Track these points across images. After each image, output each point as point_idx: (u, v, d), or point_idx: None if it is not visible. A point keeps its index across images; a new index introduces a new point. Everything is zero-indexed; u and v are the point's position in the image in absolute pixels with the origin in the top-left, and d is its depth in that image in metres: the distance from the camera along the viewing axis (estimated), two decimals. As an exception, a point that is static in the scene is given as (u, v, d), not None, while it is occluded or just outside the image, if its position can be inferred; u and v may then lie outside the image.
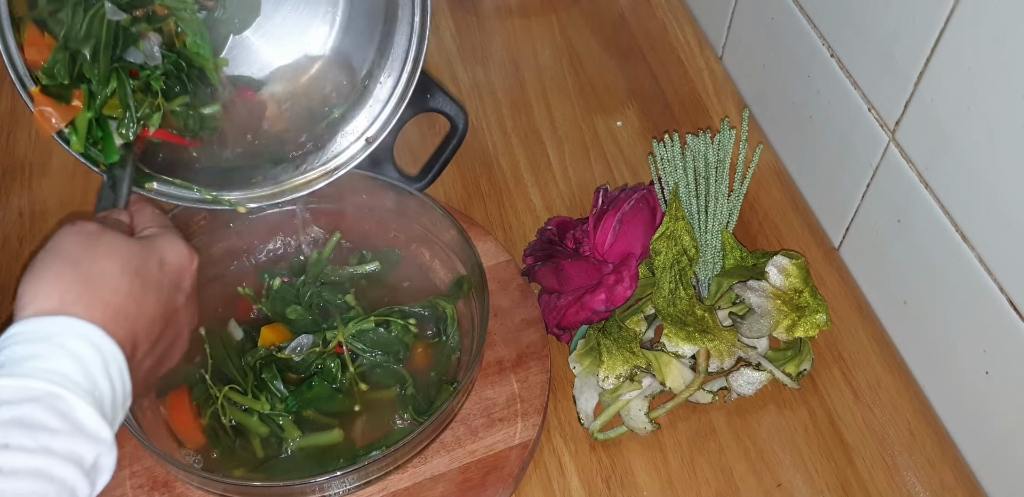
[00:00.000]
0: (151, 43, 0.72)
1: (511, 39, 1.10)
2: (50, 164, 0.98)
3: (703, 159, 0.88)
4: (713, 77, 1.05)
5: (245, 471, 0.74)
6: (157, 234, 0.63)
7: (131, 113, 0.71)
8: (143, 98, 0.72)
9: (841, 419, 0.82)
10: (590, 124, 1.02)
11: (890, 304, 0.85)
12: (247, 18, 0.79)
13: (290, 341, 0.78)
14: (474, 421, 0.78)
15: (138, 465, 0.75)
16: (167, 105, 0.73)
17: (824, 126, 0.88)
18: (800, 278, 0.81)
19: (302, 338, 0.78)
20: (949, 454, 0.79)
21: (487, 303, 0.78)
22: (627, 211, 0.83)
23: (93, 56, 0.68)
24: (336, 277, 0.85)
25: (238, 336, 0.80)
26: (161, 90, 0.72)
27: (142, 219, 0.67)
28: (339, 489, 0.73)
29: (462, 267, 0.83)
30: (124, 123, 0.71)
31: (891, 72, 0.76)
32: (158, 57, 0.72)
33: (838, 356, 0.85)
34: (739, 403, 0.82)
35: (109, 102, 0.70)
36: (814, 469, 0.79)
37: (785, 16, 0.89)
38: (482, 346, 0.76)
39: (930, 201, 0.75)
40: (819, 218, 0.93)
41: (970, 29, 0.66)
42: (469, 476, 0.75)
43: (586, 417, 0.80)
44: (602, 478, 0.79)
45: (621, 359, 0.78)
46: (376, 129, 0.82)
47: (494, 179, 0.98)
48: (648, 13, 1.12)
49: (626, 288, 0.79)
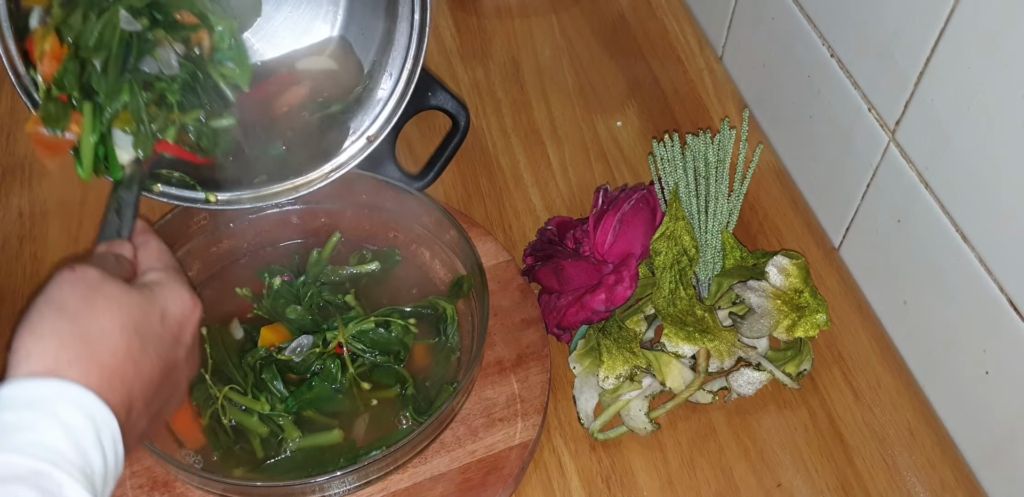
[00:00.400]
0: (168, 52, 0.68)
1: (511, 39, 1.10)
2: (50, 164, 0.98)
3: (703, 159, 0.88)
4: (713, 77, 1.05)
5: (245, 471, 0.74)
6: (160, 281, 0.60)
7: (145, 128, 0.67)
8: (157, 112, 0.68)
9: (841, 419, 0.82)
10: (590, 124, 1.02)
11: (890, 304, 0.85)
12: (248, 19, 0.79)
13: (290, 341, 0.78)
14: (474, 421, 0.78)
15: (138, 465, 0.75)
16: (182, 118, 0.70)
17: (824, 126, 0.88)
18: (800, 278, 0.81)
19: (302, 339, 0.78)
20: (949, 454, 0.79)
21: (487, 303, 0.78)
22: (627, 211, 0.83)
23: (104, 67, 0.65)
24: (336, 277, 0.85)
25: (238, 335, 0.80)
26: (177, 103, 0.69)
27: (147, 256, 0.63)
28: (339, 489, 0.73)
29: (462, 267, 0.83)
30: (138, 139, 0.67)
31: (891, 72, 0.76)
32: (175, 66, 0.68)
33: (838, 356, 0.85)
34: (739, 403, 0.82)
35: (120, 115, 0.66)
36: (814, 469, 0.79)
37: (785, 16, 0.89)
38: (482, 346, 0.76)
39: (930, 201, 0.75)
40: (819, 218, 0.93)
41: (970, 29, 0.66)
42: (469, 476, 0.75)
43: (586, 417, 0.80)
44: (602, 478, 0.79)
45: (621, 359, 0.78)
46: (377, 127, 0.82)
47: (494, 179, 0.98)
48: (648, 13, 1.12)
49: (626, 288, 0.79)
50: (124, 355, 0.53)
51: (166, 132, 0.69)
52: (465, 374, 0.75)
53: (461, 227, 0.81)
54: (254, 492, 0.72)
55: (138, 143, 0.67)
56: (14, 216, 0.95)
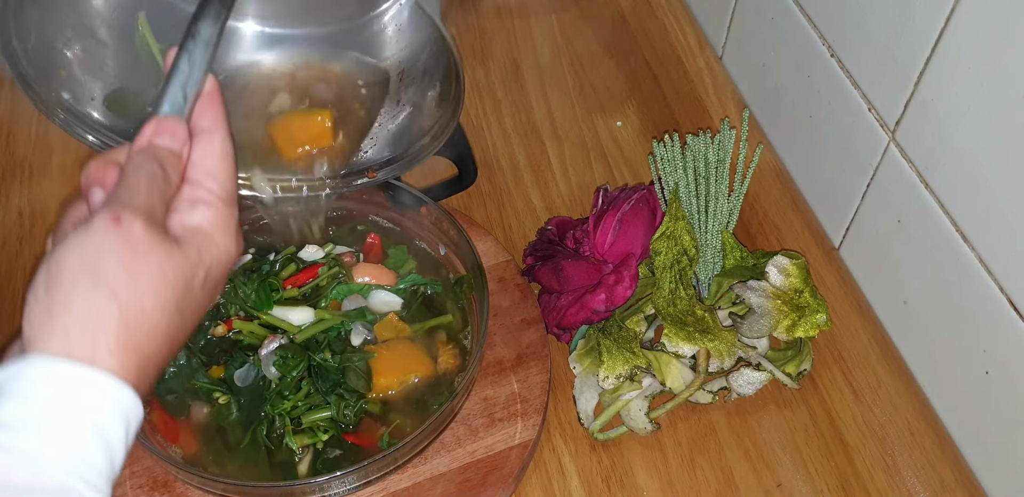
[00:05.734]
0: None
1: (511, 39, 1.10)
2: (50, 164, 0.98)
3: (703, 159, 0.88)
4: (713, 77, 1.05)
5: (244, 470, 0.74)
6: (207, 230, 0.51)
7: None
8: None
9: (841, 419, 0.82)
10: (590, 124, 1.02)
11: (890, 304, 0.85)
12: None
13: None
14: (474, 421, 0.78)
15: (138, 465, 0.75)
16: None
17: (824, 126, 0.88)
18: (800, 278, 0.81)
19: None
20: (949, 454, 0.79)
21: (487, 303, 0.78)
22: (627, 211, 0.83)
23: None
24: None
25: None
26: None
27: (202, 164, 0.51)
28: (339, 489, 0.73)
29: (462, 267, 0.83)
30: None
31: (891, 72, 0.76)
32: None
33: (838, 356, 0.85)
34: (739, 403, 0.82)
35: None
36: (814, 469, 0.79)
37: (785, 16, 0.89)
38: (482, 346, 0.76)
39: (930, 201, 0.75)
40: (819, 218, 0.93)
41: (970, 29, 0.66)
42: (469, 476, 0.75)
43: (586, 417, 0.80)
44: (602, 478, 0.79)
45: (621, 359, 0.78)
46: (386, 170, 0.76)
47: (494, 179, 0.98)
48: (648, 13, 1.12)
49: (626, 288, 0.79)
50: (163, 337, 0.48)
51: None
52: (465, 374, 0.75)
53: (461, 227, 0.81)
54: (254, 492, 0.72)
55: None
56: (14, 216, 0.95)
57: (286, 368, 0.75)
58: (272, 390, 0.75)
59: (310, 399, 0.75)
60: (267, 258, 0.82)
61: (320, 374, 0.75)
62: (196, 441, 0.75)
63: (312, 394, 0.75)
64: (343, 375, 0.75)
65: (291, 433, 0.74)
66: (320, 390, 0.75)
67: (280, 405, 0.74)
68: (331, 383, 0.75)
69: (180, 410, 0.75)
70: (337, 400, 0.74)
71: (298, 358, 0.75)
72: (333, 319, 0.78)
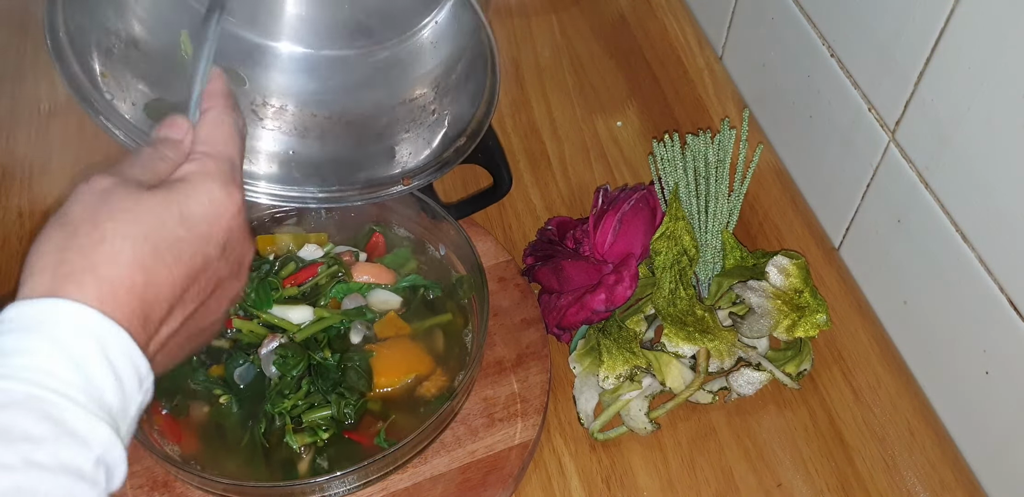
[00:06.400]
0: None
1: (511, 39, 1.10)
2: (50, 164, 0.98)
3: (703, 159, 0.88)
4: (713, 77, 1.05)
5: (244, 470, 0.74)
6: (186, 177, 0.54)
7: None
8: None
9: (841, 419, 0.82)
10: (590, 124, 1.02)
11: (890, 304, 0.85)
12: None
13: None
14: (474, 421, 0.78)
15: (138, 465, 0.75)
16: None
17: (824, 126, 0.88)
18: (800, 278, 0.81)
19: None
20: (949, 454, 0.79)
21: (487, 303, 0.78)
22: (627, 211, 0.83)
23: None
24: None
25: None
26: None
27: (203, 135, 0.57)
28: (339, 489, 0.73)
29: (462, 267, 0.83)
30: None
31: (891, 72, 0.76)
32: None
33: (838, 356, 0.85)
34: (739, 403, 0.82)
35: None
36: (814, 469, 0.79)
37: (785, 16, 0.89)
38: (482, 346, 0.76)
39: (930, 201, 0.75)
40: (819, 218, 0.93)
41: (970, 29, 0.66)
42: (469, 476, 0.75)
43: (586, 417, 0.80)
44: (602, 478, 0.79)
45: (621, 359, 0.78)
46: (420, 177, 0.77)
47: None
48: (648, 13, 1.12)
49: (626, 288, 0.79)
50: (129, 263, 0.49)
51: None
52: (465, 374, 0.75)
53: (461, 227, 0.81)
54: (254, 492, 0.72)
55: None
56: (14, 216, 0.95)
57: (286, 367, 0.75)
58: (272, 389, 0.75)
59: (310, 398, 0.75)
60: (267, 258, 0.82)
61: (320, 373, 0.75)
62: (196, 440, 0.75)
63: (312, 393, 0.75)
64: (343, 374, 0.75)
65: (291, 432, 0.74)
66: (320, 389, 0.75)
67: (280, 404, 0.74)
68: (331, 382, 0.75)
69: (180, 409, 0.76)
70: (337, 399, 0.74)
71: (298, 357, 0.75)
72: (333, 318, 0.78)
